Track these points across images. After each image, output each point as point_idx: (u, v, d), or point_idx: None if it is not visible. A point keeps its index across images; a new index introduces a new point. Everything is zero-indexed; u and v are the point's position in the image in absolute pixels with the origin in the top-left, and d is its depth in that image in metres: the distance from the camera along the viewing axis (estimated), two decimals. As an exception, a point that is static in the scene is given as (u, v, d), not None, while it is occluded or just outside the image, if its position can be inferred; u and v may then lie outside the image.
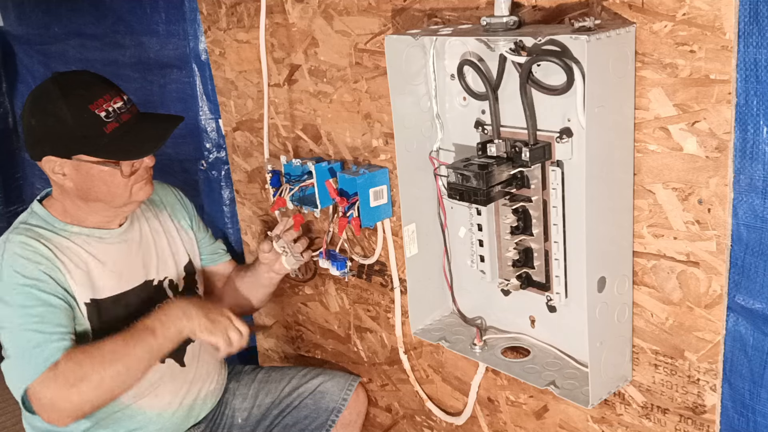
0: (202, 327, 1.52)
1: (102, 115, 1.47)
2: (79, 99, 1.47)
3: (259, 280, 1.80)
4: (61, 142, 1.48)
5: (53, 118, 1.47)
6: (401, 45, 1.29)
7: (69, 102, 1.46)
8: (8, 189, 3.22)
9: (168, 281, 1.70)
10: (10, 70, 3.04)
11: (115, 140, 1.48)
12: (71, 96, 1.47)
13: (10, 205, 3.24)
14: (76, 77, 1.54)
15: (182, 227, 1.78)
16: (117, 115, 1.49)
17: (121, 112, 1.50)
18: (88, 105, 1.46)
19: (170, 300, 1.61)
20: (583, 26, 1.04)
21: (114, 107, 1.49)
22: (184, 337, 1.53)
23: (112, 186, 1.51)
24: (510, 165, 1.23)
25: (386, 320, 1.77)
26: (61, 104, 1.46)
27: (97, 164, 1.49)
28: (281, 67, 1.77)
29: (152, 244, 1.69)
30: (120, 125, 1.49)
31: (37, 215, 1.57)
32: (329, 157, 1.74)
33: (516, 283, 1.32)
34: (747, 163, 1.02)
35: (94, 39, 2.41)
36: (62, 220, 1.56)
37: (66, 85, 1.49)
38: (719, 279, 1.10)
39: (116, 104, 1.49)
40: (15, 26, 2.87)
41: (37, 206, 1.59)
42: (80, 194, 1.53)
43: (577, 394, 1.23)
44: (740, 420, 1.14)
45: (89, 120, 1.46)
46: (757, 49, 0.97)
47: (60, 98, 1.47)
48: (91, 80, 1.53)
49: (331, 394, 1.83)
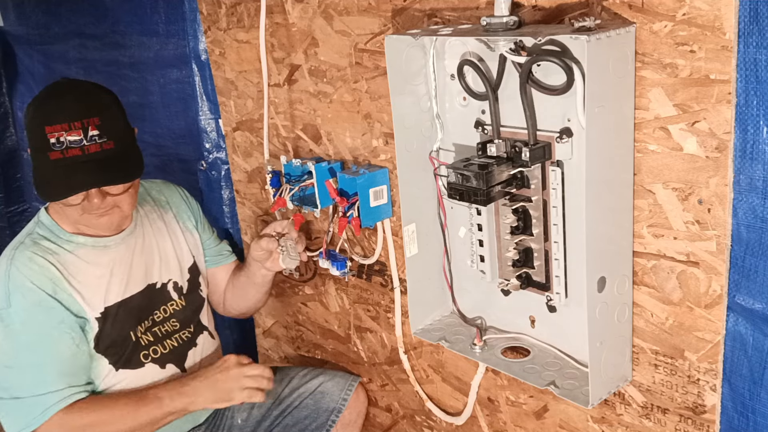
0: (215, 401, 1.56)
1: (51, 141, 1.42)
2: (43, 114, 1.44)
3: (252, 278, 1.78)
4: (31, 148, 1.48)
5: (27, 116, 1.48)
6: (401, 45, 1.29)
7: (37, 112, 1.46)
8: (8, 189, 3.22)
9: (172, 283, 1.69)
10: (10, 70, 3.04)
11: (48, 170, 1.44)
12: (41, 108, 1.46)
13: (11, 205, 3.24)
14: (60, 90, 1.50)
15: (187, 228, 1.77)
16: (65, 147, 1.43)
17: (71, 146, 1.43)
18: (44, 125, 1.43)
19: (184, 377, 1.61)
20: (583, 26, 1.04)
21: (67, 139, 1.43)
22: (190, 411, 1.57)
23: (70, 211, 1.49)
24: (510, 165, 1.23)
25: (386, 320, 1.77)
26: (35, 111, 1.46)
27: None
28: (281, 67, 1.77)
29: (155, 247, 1.68)
30: (62, 158, 1.43)
31: (44, 225, 1.56)
32: (329, 157, 1.74)
33: (516, 283, 1.32)
34: (747, 163, 1.02)
35: (94, 39, 2.41)
36: (68, 230, 1.55)
37: (48, 95, 1.48)
38: (719, 279, 1.10)
39: (70, 137, 1.43)
40: (15, 26, 2.87)
41: (44, 215, 1.57)
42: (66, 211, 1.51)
43: (577, 394, 1.23)
44: (740, 420, 1.14)
45: (40, 138, 1.44)
46: (757, 49, 0.97)
47: (36, 105, 1.47)
48: (66, 100, 1.47)
49: (331, 395, 1.83)
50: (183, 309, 1.71)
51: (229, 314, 1.90)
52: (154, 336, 1.64)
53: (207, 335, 1.76)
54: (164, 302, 1.67)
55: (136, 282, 1.62)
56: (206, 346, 1.75)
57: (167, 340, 1.66)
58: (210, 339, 1.78)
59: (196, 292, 1.76)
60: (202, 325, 1.76)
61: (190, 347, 1.70)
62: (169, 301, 1.68)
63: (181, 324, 1.70)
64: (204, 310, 1.78)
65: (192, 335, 1.72)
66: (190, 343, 1.71)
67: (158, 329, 1.65)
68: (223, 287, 1.86)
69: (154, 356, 1.63)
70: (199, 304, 1.76)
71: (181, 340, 1.69)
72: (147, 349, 1.62)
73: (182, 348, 1.69)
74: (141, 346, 1.62)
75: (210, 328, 1.79)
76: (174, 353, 1.67)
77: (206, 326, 1.77)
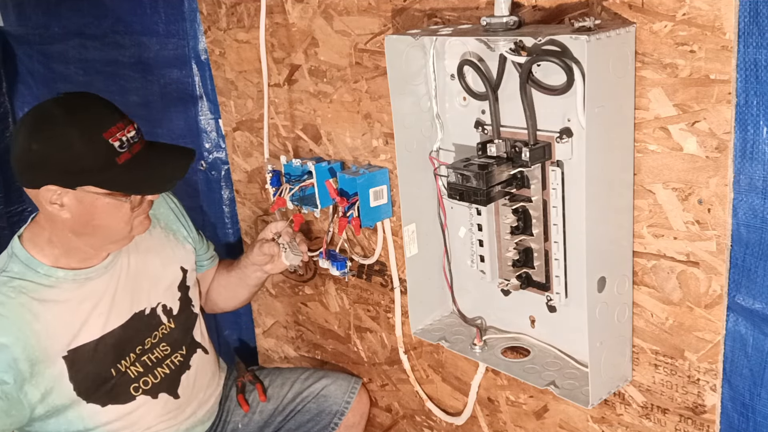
0: None
1: (116, 145, 1.35)
2: (91, 125, 1.35)
3: (245, 279, 1.76)
4: (66, 171, 1.34)
5: (60, 144, 1.34)
6: (401, 45, 1.29)
7: (80, 128, 1.34)
8: (8, 189, 3.22)
9: (161, 306, 1.62)
10: (10, 70, 3.04)
11: (128, 172, 1.37)
12: (83, 121, 1.35)
13: (10, 205, 3.23)
14: (83, 100, 1.42)
15: (178, 240, 1.69)
16: (130, 145, 1.38)
17: (133, 142, 1.39)
18: (101, 133, 1.34)
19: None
20: (583, 26, 1.04)
21: (127, 137, 1.38)
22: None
23: (115, 219, 1.41)
24: (510, 165, 1.23)
25: (386, 320, 1.77)
26: (71, 130, 1.34)
27: (105, 196, 1.38)
28: (281, 67, 1.77)
29: (143, 269, 1.59)
30: (132, 157, 1.38)
31: (18, 260, 1.44)
32: (329, 157, 1.74)
33: (516, 283, 1.32)
34: (747, 163, 1.02)
35: (94, 39, 2.41)
36: (46, 263, 1.44)
37: (75, 109, 1.37)
38: (719, 279, 1.10)
39: (129, 133, 1.38)
40: (15, 26, 2.87)
41: (18, 248, 1.45)
42: (75, 227, 1.41)
43: (577, 394, 1.23)
44: (740, 420, 1.14)
45: (102, 149, 1.34)
46: (757, 49, 0.97)
47: (69, 123, 1.34)
48: (101, 105, 1.41)
49: (334, 398, 1.82)
50: (173, 331, 1.63)
51: (211, 311, 1.88)
52: (143, 366, 1.57)
53: (201, 352, 1.70)
54: (155, 328, 1.60)
55: (120, 314, 1.53)
56: (200, 366, 1.69)
57: (158, 368, 1.59)
58: (204, 355, 1.71)
59: (188, 310, 1.68)
60: (196, 343, 1.69)
61: (183, 371, 1.63)
62: (159, 326, 1.61)
63: (172, 347, 1.62)
64: (197, 325, 1.71)
65: (185, 358, 1.65)
66: (182, 367, 1.64)
67: (147, 358, 1.58)
68: (207, 288, 1.82)
69: (144, 388, 1.56)
70: (192, 322, 1.70)
71: (173, 365, 1.62)
72: (137, 381, 1.55)
73: (174, 374, 1.62)
74: (129, 378, 1.54)
75: (204, 342, 1.72)
76: (166, 381, 1.60)
77: (199, 343, 1.70)
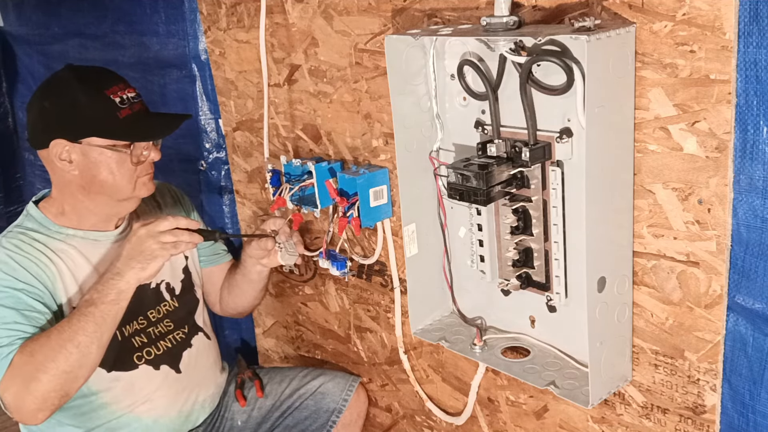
0: (141, 268, 1.46)
1: (117, 101, 1.49)
2: (94, 83, 1.50)
3: (248, 276, 1.77)
4: (73, 124, 1.48)
5: (67, 100, 1.49)
6: (401, 45, 1.29)
7: (84, 86, 1.49)
8: (8, 189, 3.22)
9: (165, 284, 1.68)
10: (10, 70, 3.04)
11: (128, 125, 1.50)
12: (87, 81, 1.50)
13: (10, 205, 3.24)
14: (90, 67, 1.58)
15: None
16: (131, 103, 1.51)
17: (134, 101, 1.52)
18: (103, 89, 1.49)
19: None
20: (583, 26, 1.04)
21: (128, 95, 1.52)
22: (129, 294, 1.46)
23: (119, 174, 1.51)
24: (510, 165, 1.23)
25: (386, 320, 1.77)
26: (76, 87, 1.49)
27: (108, 149, 1.49)
28: (281, 67, 1.77)
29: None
30: (133, 113, 1.51)
31: (32, 218, 1.56)
32: (329, 157, 1.74)
33: (516, 283, 1.32)
34: (747, 163, 1.02)
35: (94, 39, 2.41)
36: (57, 223, 1.55)
37: (81, 72, 1.52)
38: (719, 279, 1.10)
39: (130, 94, 1.52)
40: (15, 26, 2.88)
41: (33, 208, 1.58)
42: (83, 184, 1.51)
43: (577, 394, 1.23)
44: (740, 420, 1.14)
45: (104, 103, 1.48)
46: (757, 49, 0.97)
47: (75, 82, 1.49)
48: (105, 71, 1.56)
49: (331, 395, 1.82)
50: (176, 310, 1.69)
51: (227, 313, 1.89)
52: (147, 337, 1.63)
53: (202, 336, 1.75)
54: (157, 303, 1.66)
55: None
56: (202, 347, 1.74)
57: (161, 341, 1.65)
58: (206, 340, 1.76)
59: (190, 294, 1.74)
60: (197, 326, 1.74)
61: (184, 348, 1.69)
62: (162, 302, 1.67)
63: (175, 325, 1.69)
64: (199, 310, 1.76)
65: (186, 336, 1.71)
66: (184, 344, 1.70)
67: (152, 330, 1.64)
68: (219, 287, 1.85)
69: (147, 357, 1.62)
70: (194, 305, 1.75)
71: (175, 341, 1.68)
72: (140, 350, 1.61)
73: (176, 349, 1.68)
74: (134, 347, 1.60)
75: (206, 329, 1.77)
76: (168, 354, 1.66)
77: (201, 327, 1.75)
